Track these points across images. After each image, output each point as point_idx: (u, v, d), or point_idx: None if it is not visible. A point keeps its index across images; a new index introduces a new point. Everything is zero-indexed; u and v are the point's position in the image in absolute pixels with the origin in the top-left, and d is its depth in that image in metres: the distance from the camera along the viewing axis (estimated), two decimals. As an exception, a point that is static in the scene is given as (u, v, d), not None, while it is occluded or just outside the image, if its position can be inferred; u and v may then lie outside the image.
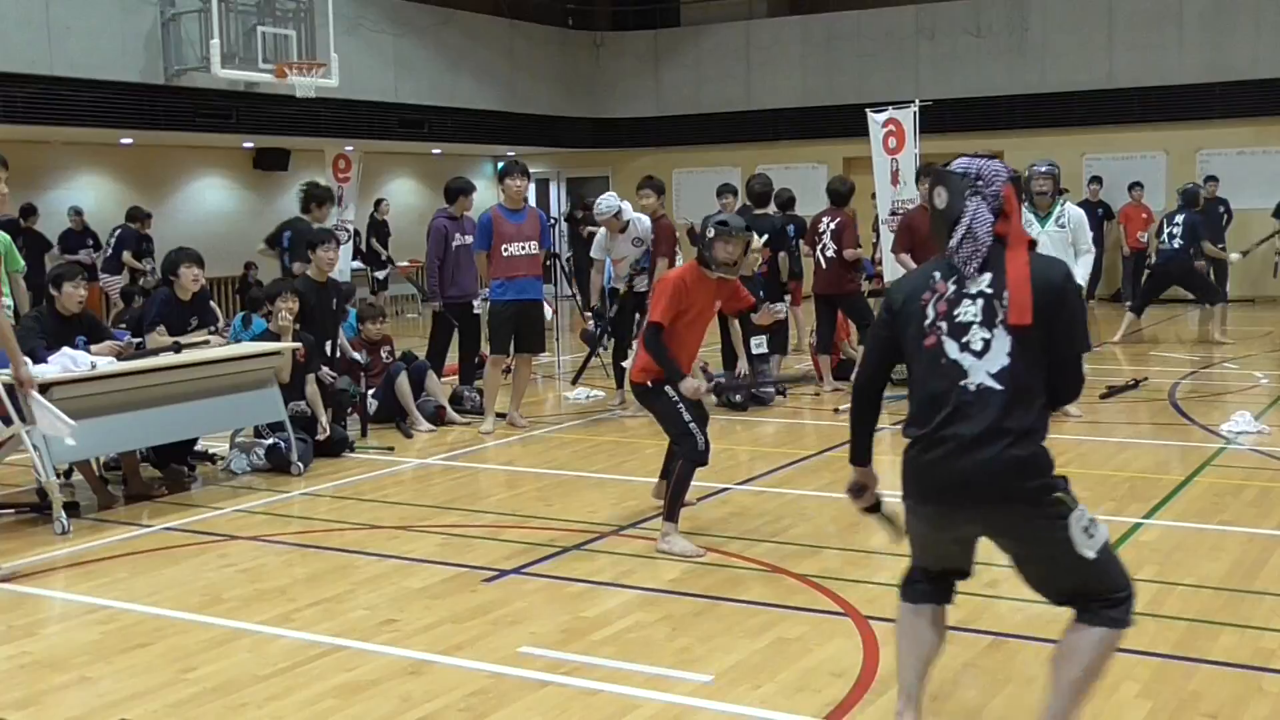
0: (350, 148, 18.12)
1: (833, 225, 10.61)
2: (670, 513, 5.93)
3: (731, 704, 4.08)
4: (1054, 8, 19.45)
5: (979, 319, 3.26)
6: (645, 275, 9.97)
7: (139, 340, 7.69)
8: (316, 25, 16.13)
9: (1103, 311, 17.72)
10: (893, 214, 11.67)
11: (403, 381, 9.41)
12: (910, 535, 3.53)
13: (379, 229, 19.28)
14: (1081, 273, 9.08)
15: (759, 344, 10.23)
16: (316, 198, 10.06)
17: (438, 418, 9.61)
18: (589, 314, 11.07)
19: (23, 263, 9.09)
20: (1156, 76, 18.78)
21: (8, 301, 8.54)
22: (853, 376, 3.58)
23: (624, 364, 10.16)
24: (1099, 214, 17.89)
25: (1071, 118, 19.24)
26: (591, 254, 10.61)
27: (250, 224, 19.49)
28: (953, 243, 3.34)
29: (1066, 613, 3.40)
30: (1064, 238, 9.02)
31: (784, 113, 21.27)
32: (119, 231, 16.26)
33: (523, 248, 9.22)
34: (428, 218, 10.75)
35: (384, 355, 9.88)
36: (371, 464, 8.36)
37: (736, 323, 6.41)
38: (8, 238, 8.84)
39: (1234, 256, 15.05)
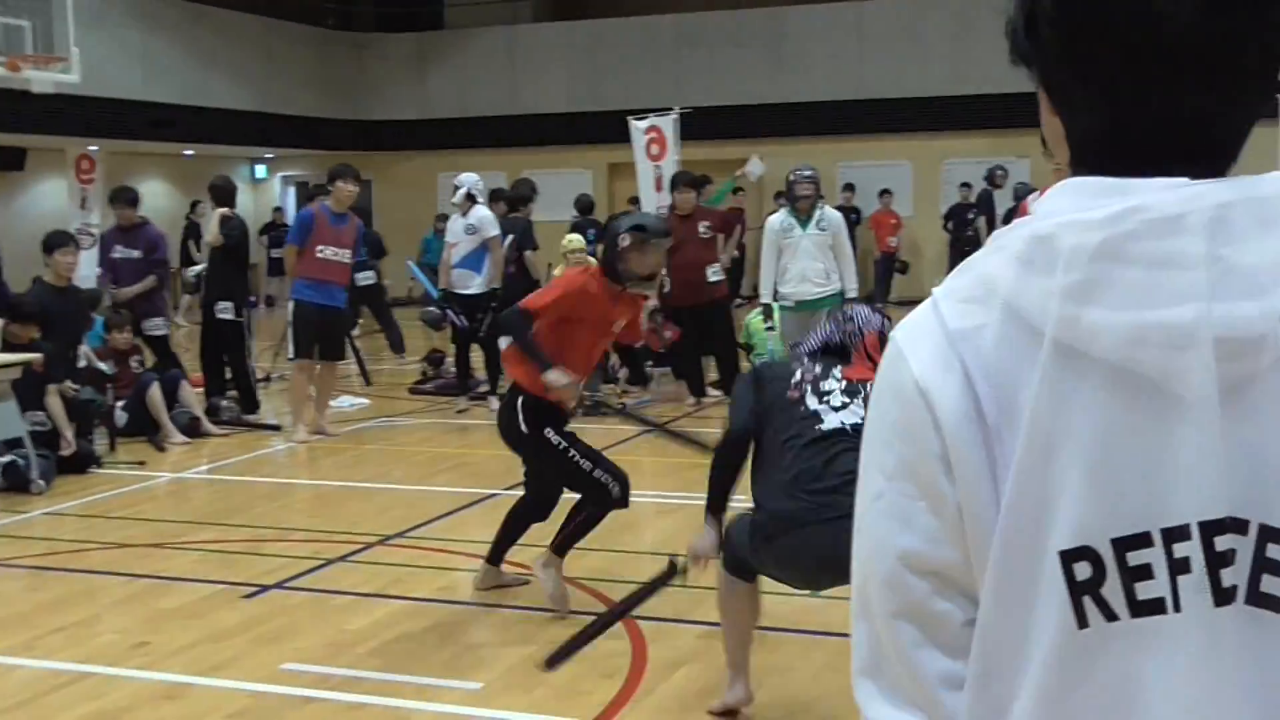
0: (94, 148, 17.23)
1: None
2: (562, 546, 5.00)
3: (501, 710, 4.07)
4: (810, 20, 20.15)
5: None
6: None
7: None
8: (54, 17, 15.25)
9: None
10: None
11: (154, 392, 9.00)
12: None
13: (194, 231, 18.43)
14: (851, 282, 9.29)
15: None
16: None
17: (192, 429, 9.25)
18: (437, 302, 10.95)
19: None
20: (902, 88, 19.65)
21: None
22: None
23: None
24: (852, 219, 18.68)
25: (825, 126, 19.96)
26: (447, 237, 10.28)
27: (-17, 227, 18.33)
28: None
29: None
30: (825, 240, 9.31)
31: (550, 118, 21.33)
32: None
33: (337, 254, 9.02)
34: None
35: (133, 365, 9.43)
36: (121, 479, 7.99)
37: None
38: None
39: None
